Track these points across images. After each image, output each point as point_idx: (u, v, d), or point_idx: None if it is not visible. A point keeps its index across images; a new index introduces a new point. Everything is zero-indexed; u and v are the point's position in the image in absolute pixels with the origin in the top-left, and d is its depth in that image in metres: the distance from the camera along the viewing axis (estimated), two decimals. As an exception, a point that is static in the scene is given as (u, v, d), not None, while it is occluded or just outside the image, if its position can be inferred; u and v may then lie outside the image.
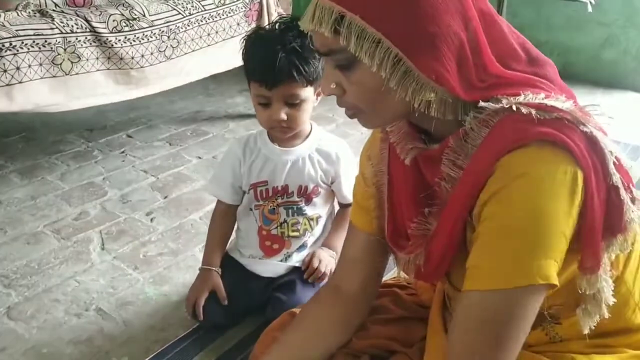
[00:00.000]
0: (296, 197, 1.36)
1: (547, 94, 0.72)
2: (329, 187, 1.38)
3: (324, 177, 1.36)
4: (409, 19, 0.68)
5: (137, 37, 2.12)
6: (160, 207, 1.95)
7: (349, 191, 1.14)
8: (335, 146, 1.37)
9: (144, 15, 2.15)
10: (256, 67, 1.22)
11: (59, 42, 1.91)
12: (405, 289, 1.11)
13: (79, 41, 1.96)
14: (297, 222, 1.37)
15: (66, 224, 1.84)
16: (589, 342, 0.82)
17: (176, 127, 2.65)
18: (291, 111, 1.24)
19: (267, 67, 1.18)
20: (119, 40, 2.07)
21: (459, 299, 0.75)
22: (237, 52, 1.50)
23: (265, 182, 1.35)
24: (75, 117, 2.50)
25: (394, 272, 1.15)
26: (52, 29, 1.90)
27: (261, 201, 1.37)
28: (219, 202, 1.43)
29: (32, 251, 1.69)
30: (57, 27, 1.91)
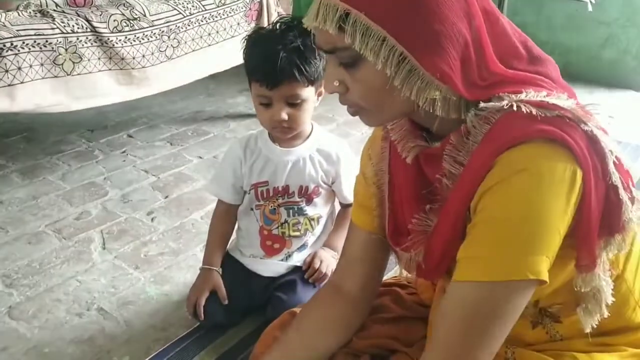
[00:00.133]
0: (297, 198, 1.36)
1: (549, 92, 0.72)
2: (329, 187, 1.38)
3: (325, 178, 1.36)
4: (414, 16, 0.67)
5: (137, 37, 2.12)
6: (161, 206, 1.95)
7: (350, 191, 1.14)
8: (335, 146, 1.37)
9: (145, 15, 2.15)
10: (257, 67, 1.22)
11: (60, 42, 1.91)
12: (405, 288, 1.11)
13: (80, 41, 1.96)
14: (298, 222, 1.37)
15: (67, 223, 1.84)
16: (589, 341, 0.82)
17: (177, 127, 2.65)
18: (292, 111, 1.24)
19: (268, 67, 1.18)
20: (120, 40, 2.07)
21: (448, 289, 0.74)
22: (237, 52, 1.50)
23: (266, 183, 1.35)
24: (76, 117, 2.50)
25: (394, 272, 1.15)
26: (53, 29, 1.90)
27: (262, 201, 1.37)
28: (220, 202, 1.43)
29: (34, 251, 1.70)
30: (58, 27, 1.92)
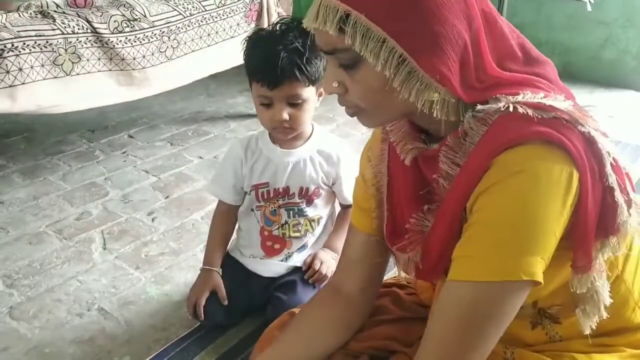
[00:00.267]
0: (297, 199, 1.36)
1: (546, 94, 0.72)
2: (330, 188, 1.38)
3: (325, 179, 1.36)
4: (414, 18, 0.67)
5: (137, 38, 2.13)
6: (161, 207, 1.95)
7: (350, 192, 1.14)
8: (336, 147, 1.37)
9: (145, 15, 2.16)
10: (258, 68, 1.22)
11: (60, 43, 1.91)
12: (404, 288, 1.11)
13: (80, 42, 1.97)
14: (298, 223, 1.38)
15: (68, 224, 1.84)
16: (589, 342, 0.82)
17: (177, 127, 2.65)
18: (293, 111, 1.24)
19: (269, 67, 1.18)
20: (120, 40, 2.07)
21: (442, 288, 0.74)
22: (237, 52, 1.50)
23: (266, 184, 1.35)
24: (76, 117, 2.51)
25: (394, 272, 1.15)
26: (53, 29, 1.91)
27: (262, 202, 1.37)
28: (220, 203, 1.43)
29: (35, 251, 1.70)
30: (58, 28, 1.92)
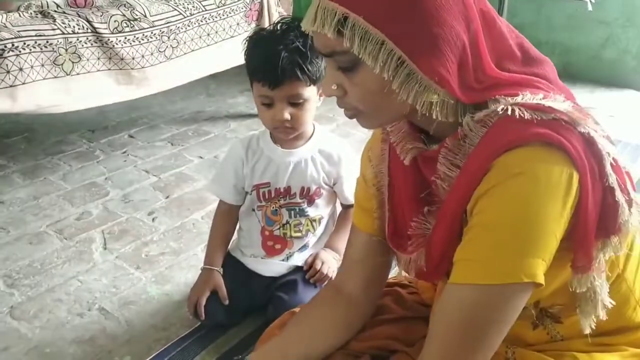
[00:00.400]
0: (298, 199, 1.36)
1: (546, 94, 0.72)
2: (331, 188, 1.38)
3: (326, 179, 1.36)
4: (413, 20, 0.67)
5: (137, 38, 2.13)
6: (162, 206, 1.95)
7: (351, 192, 1.14)
8: (337, 147, 1.37)
9: (145, 15, 2.16)
10: (259, 67, 1.22)
11: (61, 43, 1.91)
12: (406, 287, 1.11)
13: (80, 42, 1.97)
14: (299, 223, 1.38)
15: (68, 223, 1.84)
16: (590, 341, 0.82)
17: (177, 127, 2.65)
18: (294, 111, 1.23)
19: (270, 67, 1.18)
20: (120, 40, 2.07)
21: (444, 291, 0.74)
22: (237, 52, 1.50)
23: (267, 184, 1.35)
24: (77, 117, 2.51)
25: (395, 271, 1.15)
26: (53, 29, 1.91)
27: (264, 202, 1.37)
28: (221, 202, 1.43)
29: (35, 251, 1.70)
30: (58, 28, 1.92)
